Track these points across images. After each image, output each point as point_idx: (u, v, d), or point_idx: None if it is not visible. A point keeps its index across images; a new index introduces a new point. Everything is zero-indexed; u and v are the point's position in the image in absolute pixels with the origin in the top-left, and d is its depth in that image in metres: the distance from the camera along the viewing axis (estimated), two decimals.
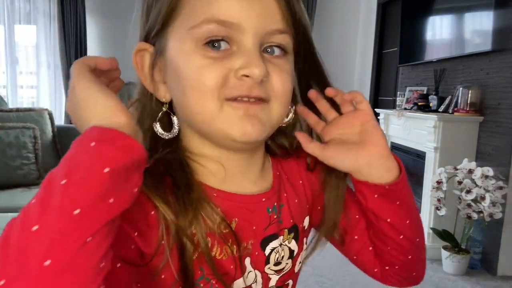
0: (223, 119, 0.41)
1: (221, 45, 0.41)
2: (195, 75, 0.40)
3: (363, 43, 4.91)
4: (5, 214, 1.83)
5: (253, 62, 0.40)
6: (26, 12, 3.78)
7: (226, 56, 0.41)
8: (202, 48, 0.40)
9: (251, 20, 0.40)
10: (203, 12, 0.40)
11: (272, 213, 0.47)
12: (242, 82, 0.40)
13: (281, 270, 0.48)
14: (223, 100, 0.41)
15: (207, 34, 0.40)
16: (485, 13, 2.44)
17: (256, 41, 0.41)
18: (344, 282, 2.21)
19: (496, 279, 2.32)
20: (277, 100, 0.43)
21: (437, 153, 2.55)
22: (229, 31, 0.40)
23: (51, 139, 2.72)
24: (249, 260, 0.46)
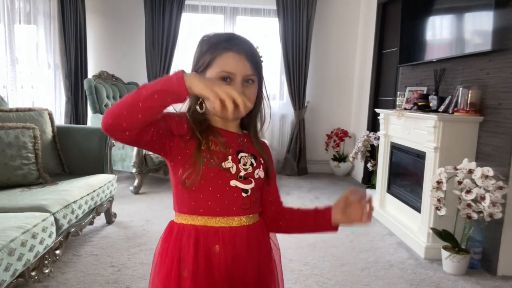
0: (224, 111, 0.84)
1: (227, 80, 0.90)
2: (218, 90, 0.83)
3: (363, 43, 4.91)
4: (5, 214, 1.83)
5: (238, 88, 0.88)
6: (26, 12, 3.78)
7: (229, 84, 0.89)
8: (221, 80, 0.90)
9: (239, 71, 0.90)
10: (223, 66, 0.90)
11: (241, 142, 0.98)
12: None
13: (246, 169, 0.94)
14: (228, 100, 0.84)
15: (222, 75, 0.90)
16: (485, 13, 2.45)
17: (240, 79, 0.90)
18: (344, 282, 2.22)
19: (496, 279, 2.32)
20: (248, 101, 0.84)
21: (437, 153, 2.56)
22: (230, 75, 0.90)
23: (51, 139, 2.72)
24: (231, 157, 0.93)
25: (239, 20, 4.96)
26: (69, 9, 4.30)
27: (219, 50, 0.90)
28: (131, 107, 0.77)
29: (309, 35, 4.81)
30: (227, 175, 0.91)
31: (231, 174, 0.92)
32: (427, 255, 2.59)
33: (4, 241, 1.57)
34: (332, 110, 5.19)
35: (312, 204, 3.76)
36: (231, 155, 0.92)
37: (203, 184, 0.90)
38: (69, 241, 2.50)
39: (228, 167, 0.92)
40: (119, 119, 0.77)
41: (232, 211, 0.92)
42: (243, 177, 0.93)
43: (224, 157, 0.92)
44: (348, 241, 2.84)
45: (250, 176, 0.94)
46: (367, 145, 4.12)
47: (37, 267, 1.88)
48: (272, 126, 5.10)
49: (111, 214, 2.98)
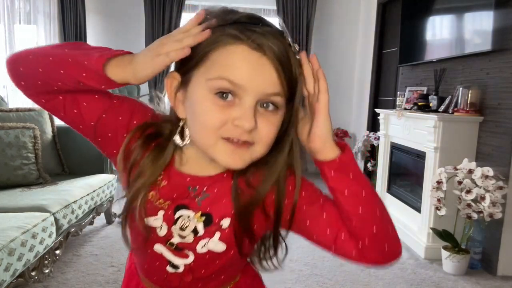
0: (216, 150, 0.56)
1: (228, 96, 0.54)
2: (203, 116, 0.55)
3: (363, 43, 4.91)
4: (5, 214, 1.83)
5: (246, 117, 0.53)
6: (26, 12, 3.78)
7: (229, 105, 0.54)
8: (213, 96, 0.54)
9: (254, 84, 0.53)
10: (221, 70, 0.53)
11: (191, 192, 0.62)
12: (235, 128, 0.54)
13: (183, 237, 0.62)
14: (219, 138, 0.55)
15: (219, 87, 0.54)
16: (485, 13, 2.44)
17: (254, 100, 0.54)
18: (344, 282, 2.22)
19: (496, 279, 2.32)
20: (261, 143, 0.57)
21: (437, 153, 2.55)
22: (236, 88, 0.53)
23: (51, 139, 2.72)
24: (163, 213, 0.61)
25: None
26: (69, 9, 4.30)
27: (223, 35, 0.53)
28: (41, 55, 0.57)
29: (309, 35, 4.81)
30: (152, 235, 0.62)
31: (157, 235, 0.62)
32: (427, 255, 2.59)
33: (4, 241, 1.57)
34: (332, 110, 5.05)
35: None
36: (165, 210, 0.61)
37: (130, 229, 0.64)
38: (69, 241, 2.50)
39: (153, 226, 0.62)
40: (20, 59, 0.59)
41: (154, 281, 0.67)
42: (176, 246, 0.62)
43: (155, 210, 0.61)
44: None
45: (187, 247, 0.62)
46: (367, 145, 4.12)
47: (37, 267, 1.88)
48: None
49: (111, 214, 2.98)
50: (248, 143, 0.55)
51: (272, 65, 0.54)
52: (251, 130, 0.54)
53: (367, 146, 4.11)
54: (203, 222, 0.61)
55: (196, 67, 0.55)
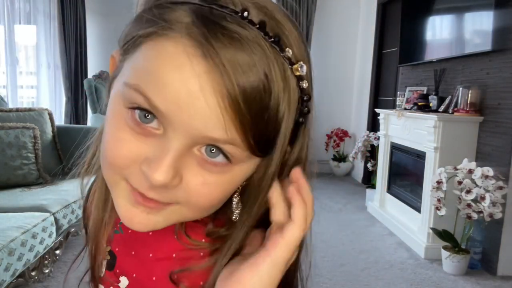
0: (117, 193, 0.36)
1: (152, 120, 0.33)
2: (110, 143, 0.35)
3: (363, 43, 4.91)
4: (5, 214, 1.83)
5: (161, 165, 0.32)
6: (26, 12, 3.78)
7: (147, 135, 0.33)
8: (126, 112, 0.33)
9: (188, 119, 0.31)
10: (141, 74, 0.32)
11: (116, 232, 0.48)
12: (142, 178, 0.33)
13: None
14: (123, 178, 0.35)
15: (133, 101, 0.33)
16: (485, 13, 2.44)
17: (182, 143, 0.32)
18: (344, 282, 2.21)
19: (496, 279, 2.32)
20: (187, 206, 0.35)
21: (437, 153, 2.55)
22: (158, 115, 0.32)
23: (51, 139, 2.72)
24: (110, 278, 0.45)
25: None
26: (69, 9, 4.30)
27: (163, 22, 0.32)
28: None
29: (309, 35, 4.81)
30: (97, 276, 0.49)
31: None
32: (427, 255, 2.59)
33: (4, 241, 1.57)
34: (332, 110, 5.19)
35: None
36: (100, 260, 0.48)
37: None
38: (69, 241, 2.50)
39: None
40: None
41: None
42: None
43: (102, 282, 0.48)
44: (348, 241, 2.84)
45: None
46: (367, 145, 4.12)
47: (37, 267, 1.88)
48: None
49: None
50: (160, 204, 0.35)
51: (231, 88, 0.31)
52: (166, 187, 0.33)
53: (367, 146, 4.11)
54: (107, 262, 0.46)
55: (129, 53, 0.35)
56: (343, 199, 3.95)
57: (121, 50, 0.37)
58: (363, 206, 3.74)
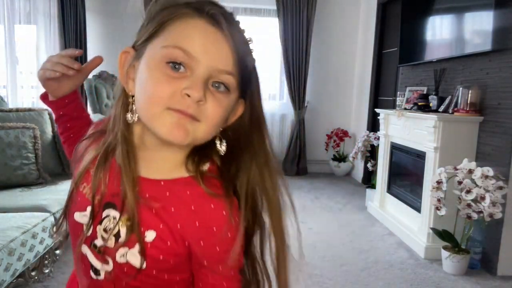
0: (159, 121, 0.53)
1: (180, 68, 0.53)
2: (152, 85, 0.53)
3: (363, 43, 4.91)
4: (5, 214, 1.83)
5: (196, 86, 0.52)
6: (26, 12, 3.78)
7: (180, 77, 0.52)
8: (164, 66, 0.53)
9: (208, 57, 0.53)
10: (176, 39, 0.53)
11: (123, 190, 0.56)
12: (183, 99, 0.52)
13: (105, 239, 0.57)
14: (165, 108, 0.52)
15: (172, 56, 0.52)
16: (485, 13, 2.44)
17: (205, 73, 0.53)
18: (344, 282, 2.21)
19: (496, 279, 2.32)
20: (206, 122, 0.54)
21: (437, 153, 2.55)
22: (188, 60, 0.52)
23: (51, 139, 2.72)
24: (90, 209, 0.58)
25: (239, 20, 4.95)
26: (69, 9, 4.30)
27: (181, 10, 0.53)
28: None
29: (309, 35, 4.81)
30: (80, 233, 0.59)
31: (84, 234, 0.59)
32: (427, 255, 2.59)
33: (4, 241, 1.57)
34: (332, 110, 5.19)
35: (313, 204, 3.76)
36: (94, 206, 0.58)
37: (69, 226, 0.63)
38: (69, 241, 2.50)
39: (80, 222, 0.59)
40: None
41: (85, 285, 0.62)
42: (98, 249, 0.58)
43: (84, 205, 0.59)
44: (348, 241, 2.84)
45: (108, 253, 0.57)
46: (367, 145, 4.12)
47: (37, 267, 1.88)
48: (272, 126, 5.11)
49: None
50: (193, 118, 0.53)
51: (228, 42, 0.54)
52: (199, 103, 0.52)
53: (367, 146, 4.11)
54: (126, 227, 0.55)
55: (151, 39, 0.55)
56: (343, 199, 3.95)
57: (137, 43, 0.58)
58: (363, 206, 3.74)
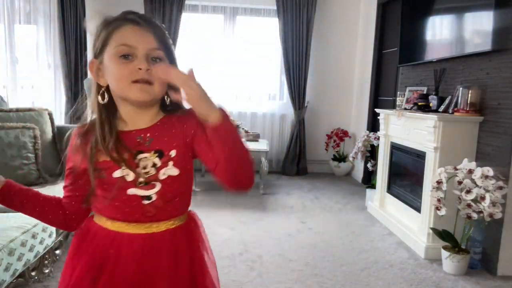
0: (130, 91, 0.81)
1: (129, 58, 0.80)
2: (117, 72, 0.81)
3: (363, 43, 4.91)
4: (5, 214, 1.83)
5: (142, 61, 0.80)
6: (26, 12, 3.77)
7: (131, 62, 0.80)
8: (119, 59, 0.81)
9: (141, 43, 0.81)
10: (119, 40, 0.81)
11: (140, 140, 0.85)
12: (138, 72, 0.80)
13: (147, 172, 0.83)
14: (130, 82, 0.80)
15: (122, 51, 0.80)
16: (485, 13, 2.44)
17: (144, 53, 0.80)
18: (344, 282, 2.22)
19: (496, 279, 2.32)
20: (156, 84, 0.81)
21: (437, 153, 2.56)
22: (131, 50, 0.80)
23: (51, 139, 2.72)
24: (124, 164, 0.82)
25: (239, 20, 4.96)
26: (69, 9, 4.30)
27: (116, 23, 0.82)
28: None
29: (309, 35, 4.81)
30: (123, 184, 0.83)
31: (128, 182, 0.83)
32: (427, 255, 2.59)
33: (4, 241, 1.57)
34: (332, 110, 5.19)
35: (313, 204, 3.76)
36: (125, 161, 0.82)
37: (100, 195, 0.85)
38: (69, 241, 2.49)
39: (120, 176, 0.82)
40: None
41: (136, 218, 0.84)
42: (144, 182, 0.83)
43: (113, 167, 0.82)
44: (348, 241, 2.84)
45: (153, 179, 0.83)
46: (367, 145, 4.12)
47: (37, 267, 1.88)
48: (272, 126, 5.11)
49: None
50: (149, 82, 0.80)
51: (150, 31, 0.82)
52: (148, 71, 0.79)
53: (367, 146, 4.11)
54: (157, 157, 0.84)
55: (105, 47, 0.82)
56: (343, 199, 3.95)
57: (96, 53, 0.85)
58: (363, 206, 3.74)
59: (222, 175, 0.80)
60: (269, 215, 3.36)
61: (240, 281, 2.16)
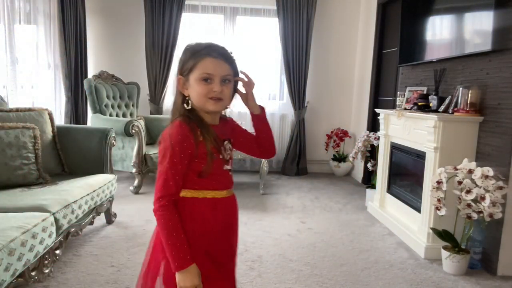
0: (207, 104, 1.11)
1: (208, 81, 1.08)
2: (199, 90, 1.09)
3: (363, 43, 4.91)
4: (5, 214, 1.83)
5: (217, 85, 1.08)
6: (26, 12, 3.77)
7: (209, 84, 1.09)
8: (201, 81, 1.09)
9: (217, 72, 1.08)
10: (203, 69, 1.08)
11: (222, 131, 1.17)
12: (213, 92, 1.09)
13: (229, 154, 1.18)
14: (207, 98, 1.10)
15: (204, 77, 1.08)
16: (485, 13, 2.45)
17: (219, 78, 1.09)
18: (344, 282, 2.21)
19: (496, 279, 2.32)
20: (225, 99, 1.12)
21: (437, 153, 2.56)
22: (210, 76, 1.08)
23: (51, 139, 2.72)
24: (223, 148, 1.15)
25: (239, 20, 4.96)
26: (69, 9, 4.30)
27: (201, 56, 1.09)
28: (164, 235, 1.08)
29: (309, 35, 4.81)
30: (221, 162, 1.16)
31: (225, 160, 1.16)
32: (427, 255, 2.59)
33: (4, 241, 1.57)
34: (332, 110, 5.19)
35: (313, 204, 3.76)
36: (223, 146, 1.15)
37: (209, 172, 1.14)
38: (69, 241, 2.50)
39: (222, 157, 1.15)
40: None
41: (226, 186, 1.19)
42: (227, 160, 1.17)
43: (220, 149, 1.14)
44: (348, 241, 2.84)
45: (230, 157, 1.19)
46: (367, 145, 4.12)
47: (37, 267, 1.88)
48: (272, 126, 5.10)
49: (111, 214, 2.98)
50: (220, 99, 1.10)
51: (224, 62, 1.10)
52: (220, 92, 1.09)
53: (367, 146, 4.11)
54: (229, 143, 1.20)
55: (191, 71, 1.10)
56: (343, 199, 3.95)
57: (184, 74, 1.12)
58: (363, 206, 3.74)
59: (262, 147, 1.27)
60: (269, 215, 3.36)
61: (240, 281, 2.16)
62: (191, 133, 1.08)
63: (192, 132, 1.08)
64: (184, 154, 1.07)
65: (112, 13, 4.85)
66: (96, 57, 4.87)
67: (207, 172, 1.12)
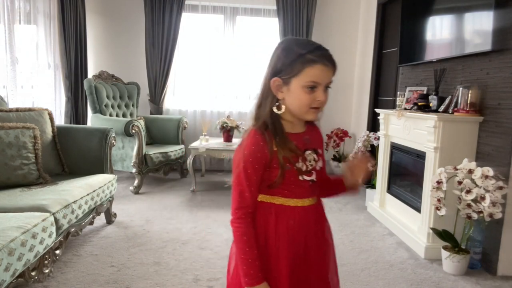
0: (307, 114, 1.05)
1: (313, 89, 1.01)
2: (302, 99, 1.02)
3: (363, 43, 4.91)
4: (5, 214, 1.83)
5: (321, 95, 1.02)
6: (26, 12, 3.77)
7: (313, 92, 1.01)
8: (306, 89, 1.01)
9: (324, 81, 1.01)
10: (310, 77, 1.00)
11: (306, 140, 1.10)
12: (317, 102, 1.03)
13: (311, 164, 1.09)
14: (309, 108, 1.03)
15: (310, 85, 1.00)
16: (485, 13, 2.44)
17: (324, 87, 1.02)
18: (344, 282, 2.21)
19: (496, 279, 2.32)
20: (321, 108, 1.06)
21: (437, 153, 2.56)
22: (317, 84, 1.00)
23: (51, 139, 2.72)
24: (301, 158, 1.07)
25: (239, 20, 4.96)
26: (69, 9, 4.29)
27: (312, 62, 0.99)
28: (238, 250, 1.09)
29: (309, 35, 4.81)
30: (296, 172, 1.08)
31: (301, 171, 1.08)
32: (427, 255, 2.59)
33: (4, 241, 1.57)
34: (332, 110, 5.19)
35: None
36: (301, 156, 1.08)
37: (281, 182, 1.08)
38: (69, 241, 2.50)
39: (299, 167, 1.07)
40: None
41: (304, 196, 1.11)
42: (309, 171, 1.10)
43: (296, 159, 1.07)
44: (348, 241, 2.84)
45: (314, 168, 1.11)
46: (367, 145, 4.12)
47: (37, 267, 1.88)
48: None
49: (111, 214, 2.98)
50: (319, 109, 1.05)
51: (331, 69, 1.01)
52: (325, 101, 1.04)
53: (367, 146, 4.11)
54: (315, 153, 1.11)
55: (295, 76, 1.00)
56: (343, 199, 3.95)
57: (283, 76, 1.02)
58: (363, 206, 3.74)
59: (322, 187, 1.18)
60: None
61: None
62: (266, 142, 1.02)
63: (267, 142, 1.03)
64: (259, 165, 1.03)
65: (112, 13, 4.85)
66: (96, 57, 4.87)
67: (278, 183, 1.06)
